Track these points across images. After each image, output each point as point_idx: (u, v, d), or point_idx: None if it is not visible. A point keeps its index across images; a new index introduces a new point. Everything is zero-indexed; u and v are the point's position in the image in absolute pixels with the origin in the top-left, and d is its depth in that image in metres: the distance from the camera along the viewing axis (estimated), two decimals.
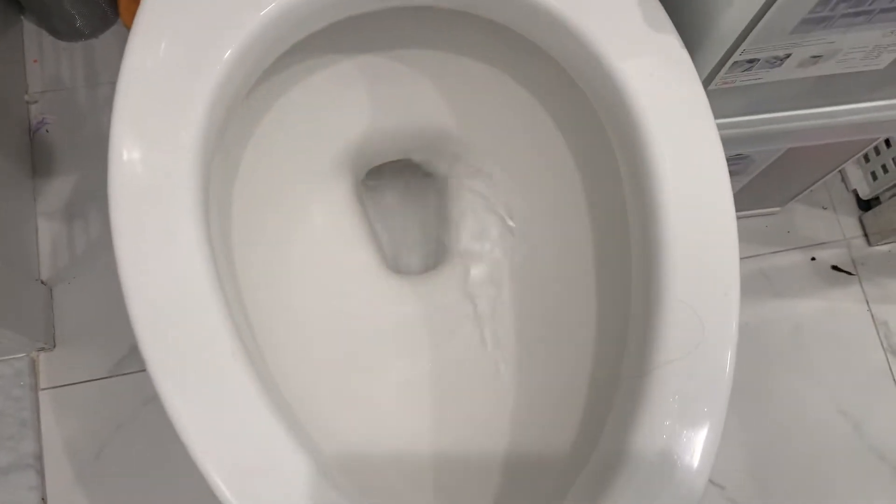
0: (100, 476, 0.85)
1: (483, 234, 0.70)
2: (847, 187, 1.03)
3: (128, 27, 0.99)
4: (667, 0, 0.54)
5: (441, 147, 0.71)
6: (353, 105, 0.68)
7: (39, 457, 0.85)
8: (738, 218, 0.54)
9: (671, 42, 0.53)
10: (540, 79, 0.63)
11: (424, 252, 0.73)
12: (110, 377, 0.88)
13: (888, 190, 0.98)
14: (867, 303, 0.99)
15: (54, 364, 0.88)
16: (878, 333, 0.98)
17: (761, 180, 0.87)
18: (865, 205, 1.02)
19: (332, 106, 0.67)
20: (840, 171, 1.02)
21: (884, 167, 0.97)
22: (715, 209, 0.50)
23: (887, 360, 0.97)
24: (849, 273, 1.00)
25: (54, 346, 0.89)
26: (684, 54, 0.53)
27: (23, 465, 0.84)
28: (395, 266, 0.72)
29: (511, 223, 0.70)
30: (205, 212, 0.48)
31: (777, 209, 1.00)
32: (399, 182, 0.73)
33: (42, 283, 0.90)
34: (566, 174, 0.65)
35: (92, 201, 0.95)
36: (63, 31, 1.00)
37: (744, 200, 0.93)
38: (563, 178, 0.65)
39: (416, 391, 0.65)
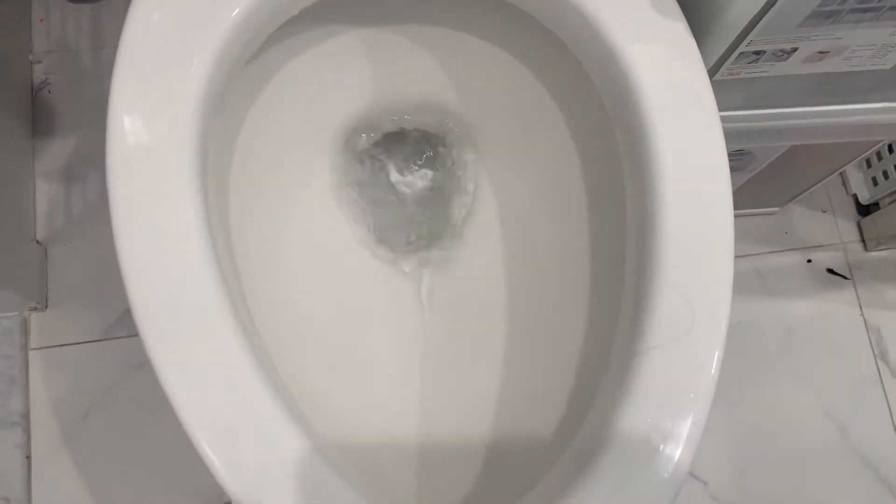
0: (86, 437, 0.85)
1: (478, 214, 0.70)
2: (847, 191, 1.03)
3: None
4: None
5: (440, 123, 0.71)
6: (354, 77, 0.67)
7: (26, 415, 0.85)
8: (737, 216, 0.54)
9: (679, 29, 0.53)
10: (543, 59, 0.63)
11: (419, 230, 0.72)
12: (101, 340, 0.88)
13: (888, 196, 0.98)
14: (860, 307, 0.99)
15: (46, 324, 0.88)
16: (869, 339, 0.98)
17: (762, 179, 0.87)
18: (865, 210, 1.02)
19: (332, 77, 0.67)
20: (841, 174, 1.02)
21: (885, 173, 0.97)
22: (713, 201, 0.50)
23: (877, 365, 0.97)
24: (844, 277, 1.00)
25: (46, 307, 0.89)
26: (691, 42, 0.53)
27: (9, 423, 0.84)
28: (391, 244, 0.72)
29: (508, 204, 0.69)
30: (202, 180, 0.47)
31: (776, 209, 1.00)
32: (398, 156, 0.72)
33: (37, 242, 0.90)
34: (565, 156, 0.65)
35: (91, 164, 0.95)
36: None
37: (743, 199, 0.93)
38: (562, 160, 0.65)
39: (406, 371, 0.65)
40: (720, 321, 0.47)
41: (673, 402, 0.45)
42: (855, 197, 1.02)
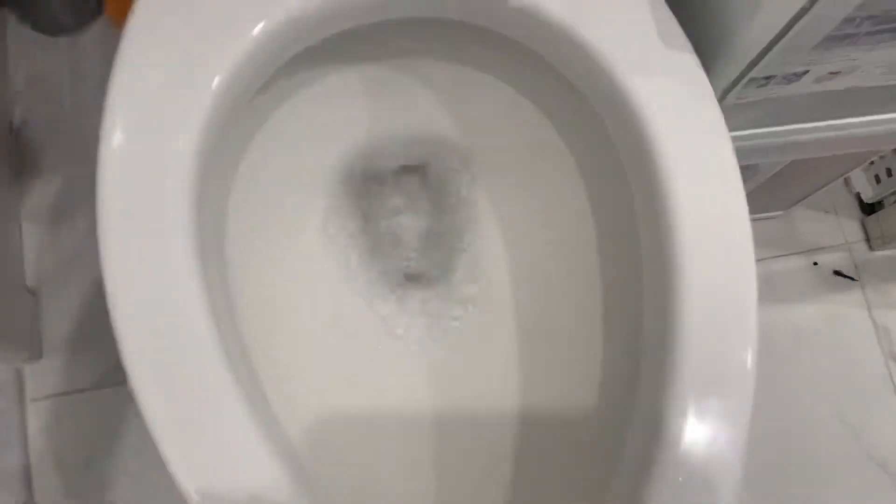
0: (89, 487, 0.83)
1: (482, 251, 0.68)
2: (850, 191, 1.02)
3: (113, 21, 0.96)
4: (682, 15, 0.51)
5: (443, 154, 0.69)
6: (353, 114, 0.65)
7: (27, 468, 0.83)
8: None
9: (687, 60, 0.51)
10: (546, 90, 0.61)
11: (424, 260, 0.70)
12: (100, 388, 0.86)
13: (892, 194, 0.97)
14: (868, 308, 0.98)
15: (41, 374, 0.86)
16: (878, 339, 0.97)
17: (765, 187, 0.85)
18: (869, 208, 1.01)
19: (330, 115, 0.64)
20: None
21: (888, 171, 0.95)
22: (734, 240, 0.48)
23: (888, 366, 0.96)
24: (851, 278, 0.99)
25: (41, 356, 0.86)
26: (701, 74, 0.51)
27: (10, 477, 0.82)
28: (390, 286, 0.70)
29: (513, 241, 0.68)
30: (198, 224, 0.45)
31: (779, 213, 0.98)
32: (400, 189, 0.70)
33: (28, 289, 0.88)
34: (572, 191, 0.63)
35: (78, 202, 0.92)
36: (46, 25, 0.96)
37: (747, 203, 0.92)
38: (569, 196, 0.63)
39: (413, 430, 0.63)
40: (748, 384, 0.45)
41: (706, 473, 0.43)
42: (858, 196, 1.01)
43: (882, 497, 0.92)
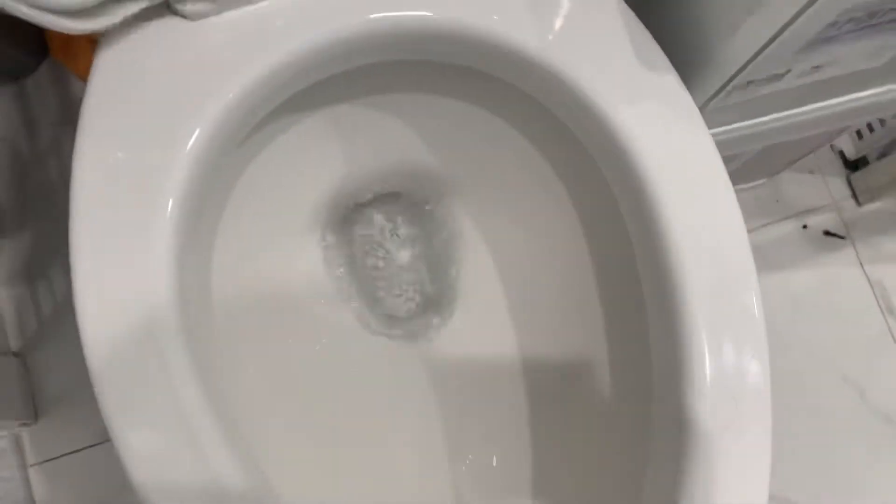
0: None
1: (471, 275, 0.67)
2: (832, 148, 1.01)
3: (61, 62, 0.92)
4: (663, 35, 0.49)
5: (426, 185, 0.67)
6: (330, 156, 0.63)
7: None
8: None
9: (668, 80, 0.49)
10: (526, 118, 0.58)
11: (414, 295, 0.69)
12: (101, 443, 0.84)
13: (875, 148, 0.96)
14: (861, 265, 0.97)
15: (39, 438, 0.84)
16: (874, 295, 0.97)
17: (749, 162, 0.84)
18: (853, 165, 1.00)
19: (307, 160, 0.62)
20: None
21: (869, 126, 0.94)
22: (735, 272, 0.47)
23: (885, 320, 0.96)
24: (841, 237, 0.98)
25: (36, 420, 0.84)
26: (682, 92, 0.49)
27: None
28: (384, 313, 0.68)
29: (501, 262, 0.66)
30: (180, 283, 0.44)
31: (765, 180, 0.97)
32: (384, 224, 0.69)
33: (14, 354, 0.85)
34: (556, 208, 0.61)
35: (51, 259, 0.89)
36: None
37: (731, 178, 0.90)
38: (553, 213, 0.62)
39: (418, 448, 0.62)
40: (765, 408, 0.45)
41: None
42: (841, 153, 1.00)
43: (890, 449, 0.93)
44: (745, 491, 0.44)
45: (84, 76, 0.50)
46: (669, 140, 0.48)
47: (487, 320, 0.65)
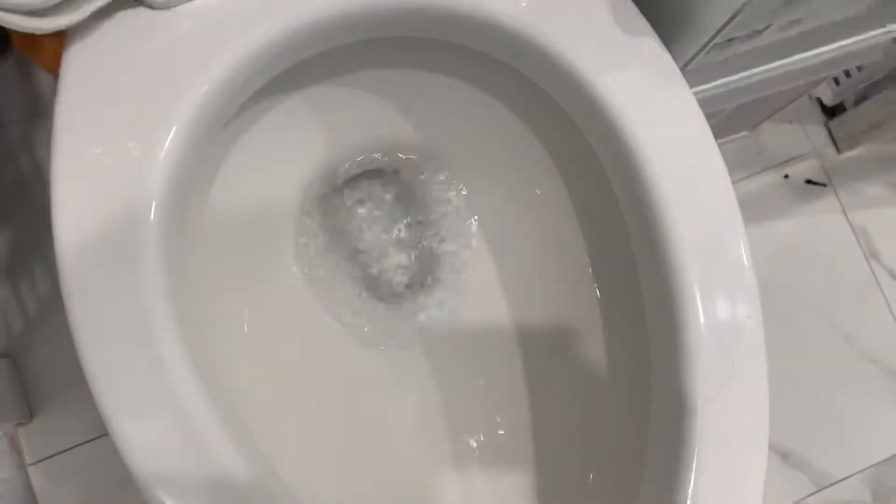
0: None
1: (463, 248, 0.67)
2: (810, 96, 1.01)
3: (25, 54, 0.89)
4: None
5: (410, 160, 0.66)
6: (313, 136, 0.62)
7: None
8: None
9: (648, 43, 0.48)
10: (508, 86, 0.58)
11: (403, 272, 0.69)
12: (99, 437, 0.84)
13: (852, 94, 0.96)
14: (844, 212, 0.98)
15: (36, 437, 0.84)
16: (858, 241, 0.98)
17: (730, 115, 0.84)
18: (830, 112, 1.00)
19: (290, 141, 0.61)
20: None
21: (846, 72, 0.94)
22: (723, 225, 0.47)
23: (869, 265, 0.97)
24: (822, 185, 0.99)
25: (32, 418, 0.84)
26: (663, 53, 0.48)
27: None
28: (373, 290, 0.68)
29: (493, 232, 0.66)
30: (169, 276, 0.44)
31: (746, 133, 0.97)
32: (372, 199, 0.68)
33: (2, 354, 0.84)
34: (548, 178, 0.61)
35: (31, 257, 0.88)
36: None
37: (712, 132, 0.90)
38: (546, 183, 0.61)
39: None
40: (760, 360, 0.45)
41: (735, 461, 0.43)
42: (819, 100, 1.00)
43: (879, 391, 0.95)
44: (746, 444, 0.45)
45: (49, 67, 0.48)
46: (652, 103, 0.48)
47: (479, 294, 0.65)
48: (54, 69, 0.47)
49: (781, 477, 0.91)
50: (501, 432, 0.61)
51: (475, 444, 0.60)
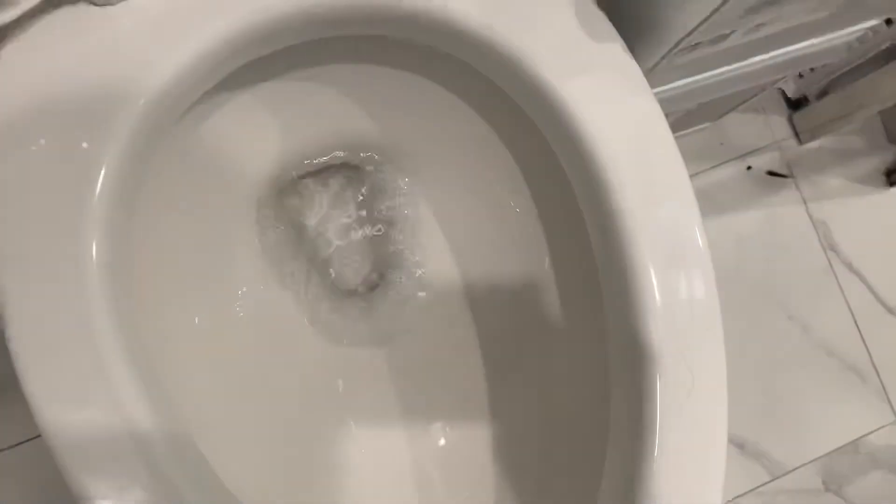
0: None
1: (421, 244, 0.66)
2: (774, 88, 1.00)
3: None
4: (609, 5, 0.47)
5: (367, 154, 0.65)
6: (267, 131, 0.60)
7: None
8: None
9: (614, 49, 0.47)
10: (465, 82, 0.56)
11: (361, 267, 0.67)
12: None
13: (815, 87, 0.96)
14: (805, 203, 0.99)
15: None
16: (817, 233, 0.99)
17: (694, 110, 0.83)
18: (794, 104, 1.00)
19: (243, 137, 0.59)
20: None
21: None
22: (688, 242, 0.46)
23: (827, 257, 0.98)
24: (784, 176, 0.99)
25: None
26: (628, 59, 0.47)
27: None
28: (330, 287, 0.67)
29: (448, 223, 0.65)
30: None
31: (708, 124, 0.97)
32: (329, 195, 0.66)
33: None
34: (511, 180, 0.60)
35: None
36: None
37: (675, 124, 0.90)
38: (508, 184, 0.60)
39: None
40: (719, 375, 0.45)
41: (693, 477, 0.43)
42: (782, 92, 1.00)
43: (833, 380, 0.97)
44: (708, 412, 0.45)
45: None
46: (615, 109, 0.47)
47: (438, 291, 0.64)
48: None
49: (737, 466, 0.93)
50: (459, 434, 0.60)
51: (438, 444, 0.60)
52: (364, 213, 0.67)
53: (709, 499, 0.43)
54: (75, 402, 0.41)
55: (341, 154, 0.64)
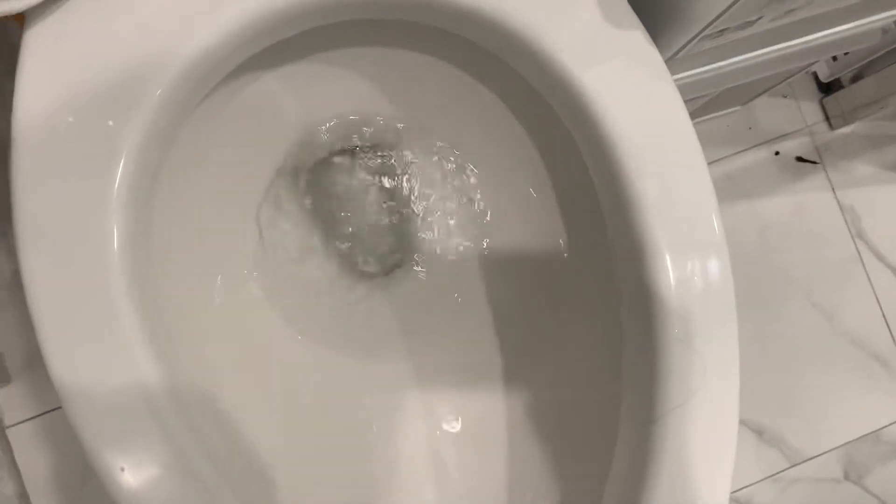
0: (90, 502, 0.83)
1: (438, 226, 0.66)
2: (807, 71, 0.98)
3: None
4: None
5: (386, 136, 0.65)
6: (289, 113, 0.61)
7: (24, 495, 0.82)
8: (698, 123, 0.50)
9: (636, 38, 0.46)
10: (492, 70, 0.56)
11: (377, 247, 0.68)
12: None
13: (849, 70, 0.94)
14: (833, 190, 0.97)
15: (15, 399, 0.84)
16: (845, 220, 0.97)
17: (724, 92, 0.82)
18: (826, 88, 0.98)
19: (265, 119, 0.60)
20: None
21: None
22: (704, 228, 0.46)
23: (855, 245, 0.97)
24: (813, 162, 0.97)
25: (10, 381, 0.84)
26: (649, 48, 0.47)
27: None
28: (347, 267, 0.67)
29: (471, 213, 0.65)
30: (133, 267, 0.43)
31: (738, 108, 0.95)
32: (349, 175, 0.67)
33: None
34: (528, 160, 0.60)
35: (5, 216, 0.86)
36: None
37: (704, 107, 0.89)
38: (521, 158, 0.60)
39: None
40: (731, 361, 0.45)
41: (703, 465, 0.43)
42: (815, 75, 0.98)
43: (856, 369, 0.96)
44: (720, 399, 0.45)
45: (19, 20, 0.46)
46: (634, 97, 0.46)
47: (457, 274, 0.65)
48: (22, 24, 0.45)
49: (755, 453, 0.93)
50: (473, 417, 0.61)
51: (453, 426, 0.61)
52: (383, 193, 0.67)
53: (717, 485, 0.43)
54: (92, 366, 0.42)
55: (364, 133, 0.64)
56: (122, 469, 0.41)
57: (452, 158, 0.65)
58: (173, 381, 0.44)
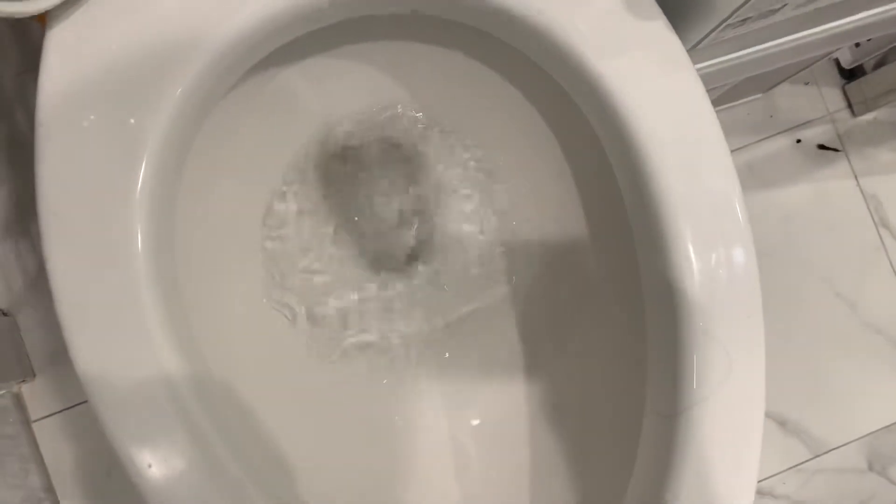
0: (114, 494, 0.84)
1: (458, 217, 0.66)
2: (829, 57, 0.97)
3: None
4: None
5: (407, 130, 0.65)
6: (309, 108, 0.61)
7: (50, 489, 0.83)
8: (719, 111, 0.49)
9: (657, 28, 0.46)
10: (504, 60, 0.56)
11: (402, 241, 0.68)
12: None
13: (872, 57, 0.92)
14: (856, 178, 0.96)
15: (40, 393, 0.85)
16: (868, 208, 0.96)
17: (744, 80, 0.81)
18: (848, 74, 0.96)
19: (286, 113, 0.60)
20: None
21: None
22: (728, 218, 0.45)
23: (878, 233, 0.96)
24: (835, 150, 0.96)
25: (34, 376, 0.85)
26: (673, 40, 0.46)
27: (35, 501, 0.83)
28: (368, 259, 0.67)
29: (493, 207, 0.65)
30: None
31: (759, 95, 0.94)
32: (370, 169, 0.67)
33: (3, 313, 0.85)
34: (550, 152, 0.59)
35: (30, 213, 0.87)
36: None
37: (725, 95, 0.88)
38: (547, 157, 0.60)
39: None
40: (757, 354, 0.44)
41: (728, 459, 0.43)
42: (837, 62, 0.96)
43: (882, 362, 0.95)
44: (746, 392, 0.45)
45: (42, 21, 0.47)
46: (656, 88, 0.46)
47: (476, 262, 0.65)
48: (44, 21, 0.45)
49: (778, 443, 0.92)
50: (495, 409, 0.61)
51: (473, 423, 0.61)
52: (402, 186, 0.67)
53: (743, 479, 0.43)
54: (118, 361, 0.42)
55: (384, 126, 0.64)
56: (150, 465, 0.41)
57: (472, 151, 0.65)
58: (197, 375, 0.44)
